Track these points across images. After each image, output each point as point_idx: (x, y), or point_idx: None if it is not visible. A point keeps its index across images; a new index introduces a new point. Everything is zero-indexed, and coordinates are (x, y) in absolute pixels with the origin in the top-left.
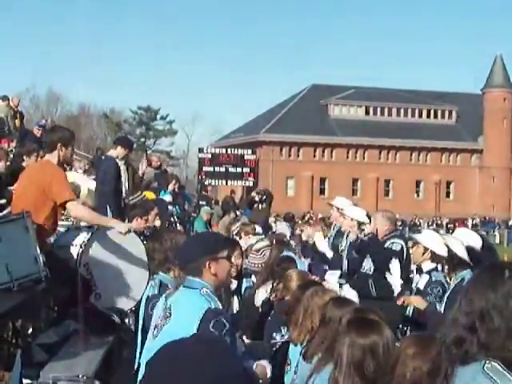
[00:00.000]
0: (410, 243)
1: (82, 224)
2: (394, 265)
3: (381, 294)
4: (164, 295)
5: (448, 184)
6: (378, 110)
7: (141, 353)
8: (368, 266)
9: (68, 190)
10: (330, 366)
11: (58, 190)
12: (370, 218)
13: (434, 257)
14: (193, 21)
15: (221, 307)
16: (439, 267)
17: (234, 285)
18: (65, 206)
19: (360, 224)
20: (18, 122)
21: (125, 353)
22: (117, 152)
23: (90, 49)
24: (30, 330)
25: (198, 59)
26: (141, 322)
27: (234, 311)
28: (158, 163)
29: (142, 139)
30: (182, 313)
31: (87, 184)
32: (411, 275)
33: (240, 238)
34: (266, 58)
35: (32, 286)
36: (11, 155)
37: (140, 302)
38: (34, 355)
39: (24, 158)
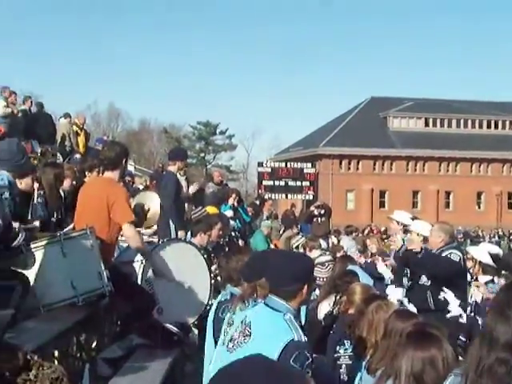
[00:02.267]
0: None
1: (145, 240)
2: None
3: (438, 306)
4: (238, 307)
5: (510, 195)
6: (438, 121)
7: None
8: (425, 278)
9: (129, 211)
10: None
11: (120, 210)
12: None
13: (485, 268)
14: (251, 35)
15: (303, 337)
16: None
17: None
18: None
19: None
20: (83, 139)
21: (188, 367)
22: (175, 167)
23: (150, 65)
24: (94, 345)
25: (256, 73)
26: (211, 325)
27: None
28: (220, 178)
29: (202, 154)
30: (263, 337)
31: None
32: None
33: (304, 252)
34: (325, 72)
35: (96, 301)
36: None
37: (201, 316)
38: (98, 369)
39: (86, 173)
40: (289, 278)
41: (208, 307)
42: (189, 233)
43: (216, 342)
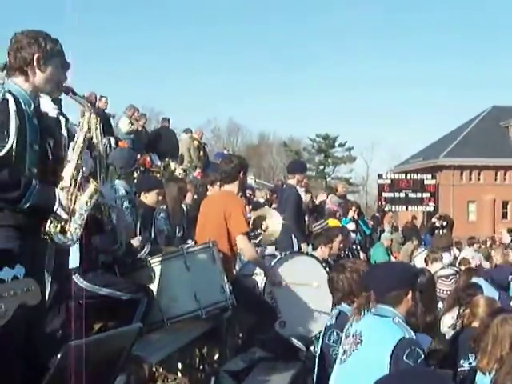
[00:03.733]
0: None
1: (267, 253)
2: None
3: None
4: (349, 323)
5: None
6: None
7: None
8: None
9: (243, 222)
10: None
11: (234, 221)
12: None
13: None
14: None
15: (414, 337)
16: None
17: None
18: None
19: None
20: (201, 153)
21: (309, 381)
22: (295, 180)
23: (267, 79)
24: (217, 357)
25: (373, 85)
26: (318, 351)
27: None
28: (345, 190)
29: (321, 167)
30: (374, 339)
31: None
32: None
33: (426, 264)
34: (446, 81)
35: (219, 314)
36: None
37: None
38: (221, 382)
39: (208, 187)
40: (391, 285)
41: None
42: (310, 245)
43: (323, 368)
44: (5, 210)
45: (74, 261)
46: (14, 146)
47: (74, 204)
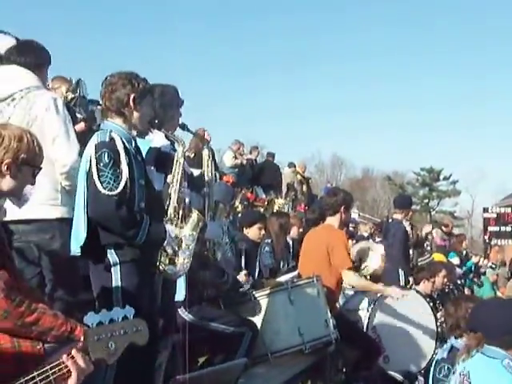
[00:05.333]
0: None
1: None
2: None
3: None
4: (458, 360)
5: None
6: None
7: None
8: None
9: (346, 258)
10: None
11: (338, 257)
12: None
13: None
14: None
15: None
16: None
17: None
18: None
19: None
20: (305, 187)
21: None
22: (402, 215)
23: (369, 116)
24: None
25: (475, 118)
26: None
27: None
28: (451, 227)
29: (426, 200)
30: (481, 382)
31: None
32: None
33: None
34: None
35: (322, 348)
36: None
37: (428, 364)
38: None
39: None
40: (505, 329)
41: (434, 355)
42: (412, 279)
43: None
44: (124, 247)
45: (179, 294)
46: (127, 183)
47: (180, 235)
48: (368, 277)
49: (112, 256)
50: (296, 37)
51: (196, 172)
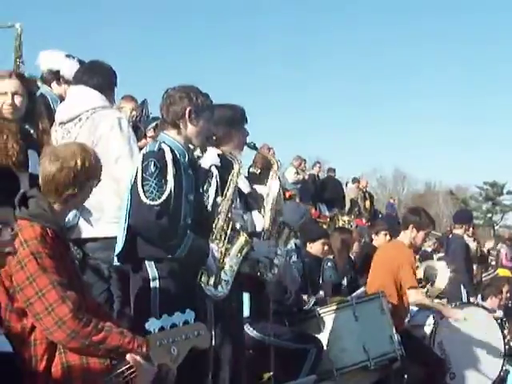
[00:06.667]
0: None
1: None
2: None
3: None
4: None
5: None
6: None
7: None
8: None
9: (413, 278)
10: None
11: (405, 276)
12: None
13: None
14: None
15: None
16: None
17: None
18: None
19: None
20: (368, 202)
21: None
22: (462, 230)
23: (432, 128)
24: None
25: None
26: None
27: None
28: None
29: (489, 215)
30: None
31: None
32: None
33: None
34: None
35: (388, 365)
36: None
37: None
38: None
39: (373, 237)
40: None
41: (501, 373)
42: (479, 296)
43: None
44: (164, 261)
45: (245, 310)
46: (172, 195)
47: (224, 256)
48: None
49: (151, 269)
50: (361, 51)
51: (260, 189)
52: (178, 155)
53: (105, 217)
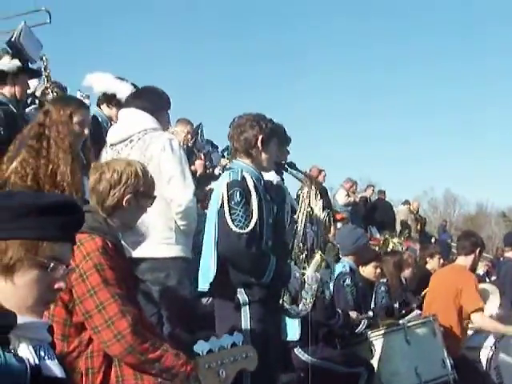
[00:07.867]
0: None
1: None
2: None
3: None
4: None
5: None
6: None
7: None
8: None
9: (476, 300)
10: None
11: (468, 299)
12: None
13: None
14: None
15: None
16: None
17: None
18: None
19: None
20: (419, 225)
21: None
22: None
23: (482, 151)
24: None
25: None
26: None
27: None
28: None
29: None
30: None
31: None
32: None
33: None
34: None
35: None
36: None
37: None
38: None
39: (427, 260)
40: None
41: None
42: None
43: None
44: (253, 286)
45: (295, 334)
46: (257, 222)
47: (303, 275)
48: None
49: (242, 295)
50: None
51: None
52: (256, 181)
53: (154, 238)
